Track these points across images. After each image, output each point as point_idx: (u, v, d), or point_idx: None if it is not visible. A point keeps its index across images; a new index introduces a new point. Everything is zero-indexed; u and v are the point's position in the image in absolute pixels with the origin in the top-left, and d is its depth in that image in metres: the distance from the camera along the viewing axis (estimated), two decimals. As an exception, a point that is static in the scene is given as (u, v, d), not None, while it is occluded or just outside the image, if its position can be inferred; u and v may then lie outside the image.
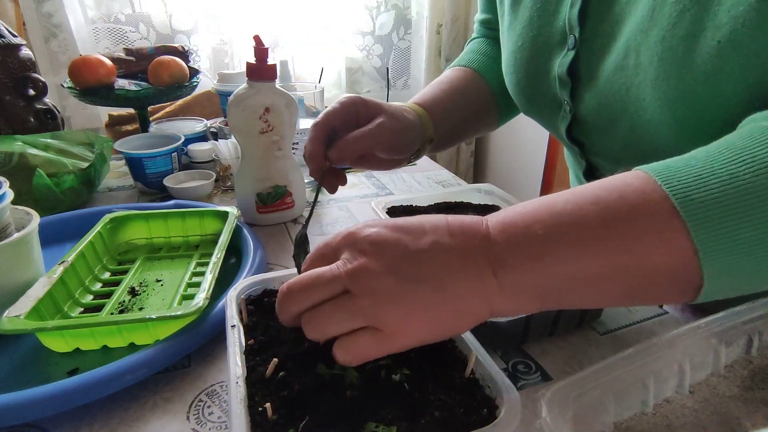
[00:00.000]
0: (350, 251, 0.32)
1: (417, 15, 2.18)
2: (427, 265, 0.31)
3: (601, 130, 0.53)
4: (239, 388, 0.35)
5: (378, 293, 0.30)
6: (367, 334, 0.31)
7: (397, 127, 0.55)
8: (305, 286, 0.32)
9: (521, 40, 0.58)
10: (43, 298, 0.48)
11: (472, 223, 0.33)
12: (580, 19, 0.50)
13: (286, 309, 0.33)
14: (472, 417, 0.33)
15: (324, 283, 0.32)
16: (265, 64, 0.66)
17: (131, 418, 0.42)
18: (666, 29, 0.41)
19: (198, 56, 1.87)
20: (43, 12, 1.64)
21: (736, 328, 0.37)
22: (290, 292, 0.33)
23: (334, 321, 0.31)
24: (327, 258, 0.34)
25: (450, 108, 0.66)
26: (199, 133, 0.99)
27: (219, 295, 0.52)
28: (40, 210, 0.58)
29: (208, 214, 0.68)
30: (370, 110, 0.55)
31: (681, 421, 0.35)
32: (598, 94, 0.50)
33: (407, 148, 0.59)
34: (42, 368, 0.47)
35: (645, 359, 0.34)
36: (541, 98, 0.58)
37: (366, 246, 0.32)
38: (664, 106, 0.43)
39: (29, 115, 0.92)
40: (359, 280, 0.31)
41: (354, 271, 0.31)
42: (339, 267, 0.32)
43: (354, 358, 0.31)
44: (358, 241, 0.32)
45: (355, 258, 0.32)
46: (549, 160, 2.02)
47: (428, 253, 0.31)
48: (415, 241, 0.32)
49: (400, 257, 0.31)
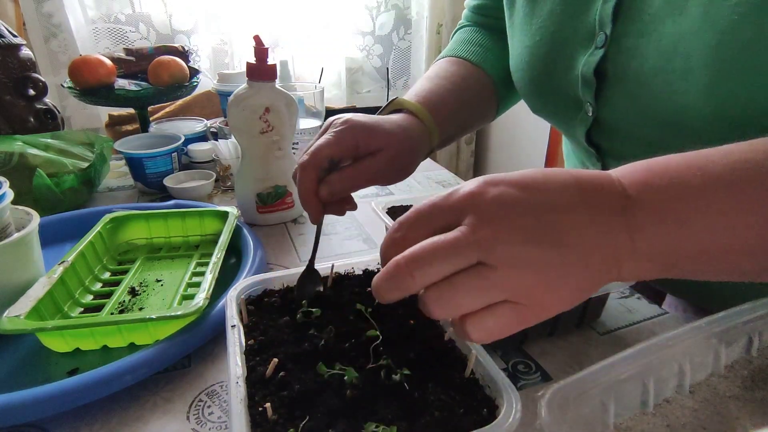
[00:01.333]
0: (476, 215, 0.28)
1: (417, 15, 2.18)
2: (565, 228, 0.28)
3: (628, 134, 0.50)
4: (239, 388, 0.35)
5: (519, 264, 0.27)
6: (506, 309, 0.28)
7: (399, 157, 0.50)
8: (430, 257, 0.27)
9: (539, 35, 0.54)
10: (43, 298, 0.48)
11: (604, 180, 0.30)
12: (613, 16, 0.46)
13: (405, 284, 0.28)
14: (472, 417, 0.33)
15: (453, 254, 0.27)
16: (265, 64, 0.66)
17: (131, 418, 0.42)
18: (724, 33, 0.38)
19: (198, 56, 1.87)
20: (43, 12, 1.64)
21: (736, 328, 0.37)
22: (410, 263, 0.28)
23: (470, 296, 0.27)
24: (438, 220, 0.30)
25: (455, 107, 0.61)
26: (199, 133, 0.99)
27: (219, 295, 0.52)
28: (40, 210, 0.58)
29: (208, 214, 0.68)
30: (370, 138, 0.48)
31: (681, 421, 0.35)
32: (630, 97, 0.47)
33: (408, 170, 0.54)
34: (42, 368, 0.47)
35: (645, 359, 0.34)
36: (558, 98, 0.55)
37: (495, 209, 0.28)
38: (716, 114, 0.40)
39: (29, 115, 0.92)
40: (496, 250, 0.27)
41: (488, 239, 0.27)
42: (467, 234, 0.27)
43: (492, 335, 0.28)
44: (485, 203, 0.28)
45: (485, 223, 0.28)
46: (549, 160, 2.02)
47: (564, 214, 0.28)
48: (548, 202, 0.28)
49: (535, 221, 0.28)
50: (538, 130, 2.01)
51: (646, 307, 0.56)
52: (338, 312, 0.44)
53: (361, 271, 0.50)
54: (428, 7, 2.13)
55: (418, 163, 0.55)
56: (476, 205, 0.28)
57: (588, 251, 0.28)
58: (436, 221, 0.30)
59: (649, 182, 0.29)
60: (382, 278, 0.29)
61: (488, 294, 0.27)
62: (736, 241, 0.28)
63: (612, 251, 0.28)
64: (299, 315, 0.43)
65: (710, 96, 0.40)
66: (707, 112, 0.41)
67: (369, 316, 0.42)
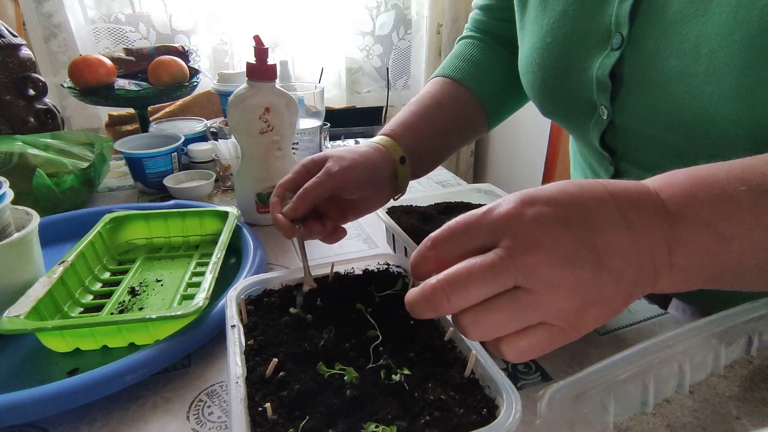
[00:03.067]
0: (513, 239, 0.28)
1: (417, 15, 2.18)
2: (604, 249, 0.27)
3: (646, 139, 0.48)
4: (239, 388, 0.35)
5: (556, 288, 0.27)
6: (543, 331, 0.28)
7: (346, 164, 0.51)
8: (467, 282, 0.27)
9: (550, 36, 0.53)
10: (43, 298, 0.48)
11: (641, 192, 0.29)
12: (630, 16, 0.45)
13: (440, 307, 0.28)
14: (472, 417, 0.33)
15: (491, 279, 0.27)
16: (265, 64, 0.66)
17: (131, 418, 0.42)
18: (755, 35, 0.36)
19: (198, 56, 1.87)
20: (43, 12, 1.64)
21: (736, 328, 0.37)
22: (446, 287, 0.28)
23: (507, 320, 0.27)
24: (473, 241, 0.29)
25: (421, 126, 0.62)
26: (199, 133, 0.99)
27: (219, 295, 0.52)
28: (40, 210, 0.58)
29: (208, 214, 0.68)
30: (318, 164, 0.52)
31: (681, 421, 0.35)
32: (649, 100, 0.45)
33: (374, 178, 0.54)
34: (42, 368, 0.47)
35: (645, 359, 0.34)
36: (571, 101, 0.54)
37: (533, 232, 0.28)
38: (743, 119, 0.38)
39: (29, 115, 0.92)
40: (535, 275, 0.27)
41: (526, 264, 0.27)
42: (505, 259, 0.27)
43: (525, 356, 0.29)
44: (523, 226, 0.28)
45: (523, 248, 0.27)
46: (549, 160, 2.02)
47: (602, 234, 0.28)
48: (585, 220, 0.28)
49: (573, 243, 0.27)
50: (538, 131, 2.01)
51: (646, 307, 0.56)
52: (338, 312, 0.44)
53: (362, 271, 0.50)
54: (428, 7, 2.13)
55: (382, 171, 0.55)
56: (513, 227, 0.28)
57: (624, 269, 0.28)
58: (471, 241, 0.29)
59: (693, 195, 0.29)
60: (417, 298, 0.29)
61: (525, 318, 0.28)
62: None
63: (650, 267, 0.28)
64: (298, 309, 0.43)
65: (737, 100, 0.38)
66: (733, 118, 0.39)
67: (369, 316, 0.42)
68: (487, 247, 0.28)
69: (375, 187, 0.55)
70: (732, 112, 0.39)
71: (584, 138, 0.56)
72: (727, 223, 0.28)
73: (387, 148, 0.58)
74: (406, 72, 2.31)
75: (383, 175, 0.56)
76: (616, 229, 0.28)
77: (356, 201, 0.55)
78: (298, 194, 0.49)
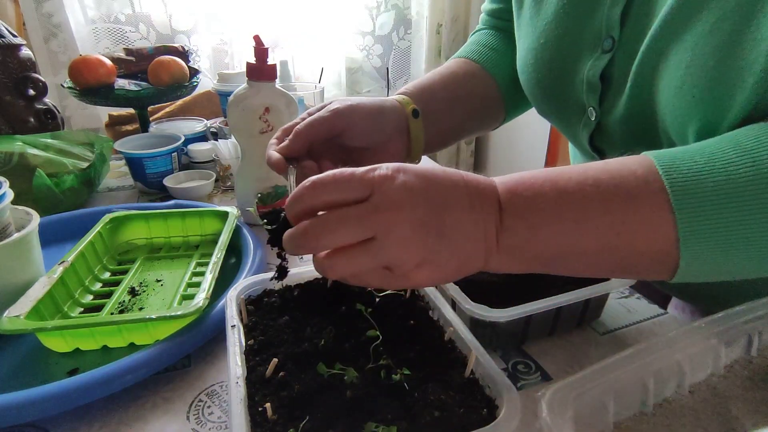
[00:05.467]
0: (382, 196, 0.32)
1: (417, 15, 2.18)
2: (448, 223, 0.33)
3: (629, 140, 0.49)
4: (239, 388, 0.35)
5: (405, 244, 0.32)
6: (382, 272, 0.33)
7: (349, 103, 0.50)
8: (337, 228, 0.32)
9: (543, 37, 0.53)
10: (43, 298, 0.48)
11: (486, 187, 0.35)
12: (621, 20, 0.45)
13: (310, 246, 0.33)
14: (472, 417, 0.33)
15: (356, 229, 0.32)
16: (265, 64, 0.66)
17: (131, 418, 0.42)
18: (700, 36, 0.38)
19: (198, 56, 1.87)
20: (43, 12, 1.63)
21: (736, 328, 0.37)
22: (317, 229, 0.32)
23: (360, 265, 0.32)
24: (350, 191, 0.33)
25: (435, 89, 0.61)
26: (199, 133, 0.99)
27: (219, 295, 0.52)
28: (40, 210, 0.58)
29: (208, 214, 0.68)
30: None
31: (681, 421, 0.35)
32: (629, 101, 0.46)
33: (380, 125, 0.52)
34: (42, 368, 0.47)
35: (645, 359, 0.34)
36: (563, 101, 0.54)
37: (400, 194, 0.32)
38: (682, 117, 0.40)
39: (29, 115, 0.92)
40: (391, 230, 0.32)
41: (388, 218, 0.32)
42: (371, 211, 0.32)
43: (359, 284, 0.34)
44: (394, 187, 0.33)
45: (387, 207, 0.32)
46: (549, 160, 2.02)
47: (450, 210, 0.33)
48: (440, 197, 0.33)
49: (427, 212, 0.32)
50: (539, 131, 2.01)
51: (646, 307, 0.56)
52: (338, 312, 0.44)
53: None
54: (428, 7, 2.12)
55: (388, 123, 0.54)
56: (384, 187, 0.33)
57: (462, 242, 0.33)
58: (347, 192, 0.33)
59: (516, 192, 0.35)
60: (293, 235, 0.33)
61: (374, 263, 0.32)
62: (587, 243, 0.33)
63: (482, 245, 0.33)
64: None
65: (679, 98, 0.40)
66: (677, 116, 0.41)
67: (369, 316, 0.42)
68: (358, 200, 0.33)
69: (381, 137, 0.53)
70: (674, 107, 0.41)
71: (575, 139, 0.57)
72: (535, 216, 0.33)
73: (399, 102, 0.56)
74: (406, 72, 2.31)
75: (391, 125, 0.54)
76: (462, 211, 0.33)
77: (360, 154, 0.53)
78: (295, 130, 0.48)
